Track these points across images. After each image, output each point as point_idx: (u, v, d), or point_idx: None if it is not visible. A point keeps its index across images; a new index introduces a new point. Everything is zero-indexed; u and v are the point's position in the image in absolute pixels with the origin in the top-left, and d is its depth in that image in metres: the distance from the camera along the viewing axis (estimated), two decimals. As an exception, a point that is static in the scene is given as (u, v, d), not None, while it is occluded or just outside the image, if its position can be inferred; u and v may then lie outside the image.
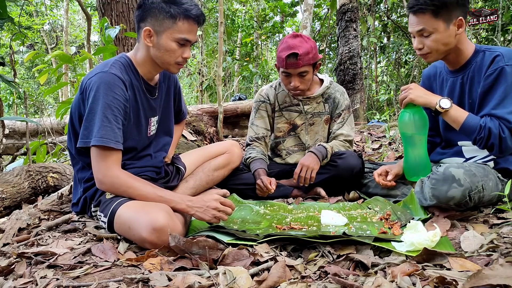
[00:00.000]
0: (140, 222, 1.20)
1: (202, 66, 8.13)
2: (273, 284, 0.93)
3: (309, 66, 1.89)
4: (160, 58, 1.43)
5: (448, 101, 1.45)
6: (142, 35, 1.41)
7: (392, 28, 8.33)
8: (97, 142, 1.30)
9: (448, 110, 1.45)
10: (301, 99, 2.06)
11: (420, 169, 1.64)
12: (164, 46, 1.40)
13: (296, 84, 1.92)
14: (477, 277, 0.79)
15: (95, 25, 8.45)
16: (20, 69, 11.79)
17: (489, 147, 1.41)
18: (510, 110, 1.38)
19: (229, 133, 4.88)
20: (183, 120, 1.94)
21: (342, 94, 2.10)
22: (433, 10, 1.42)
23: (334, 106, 2.08)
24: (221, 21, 4.22)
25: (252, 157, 2.04)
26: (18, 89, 2.14)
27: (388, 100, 8.04)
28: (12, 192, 1.85)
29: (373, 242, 1.15)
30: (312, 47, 1.89)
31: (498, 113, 1.38)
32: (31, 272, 1.06)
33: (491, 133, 1.37)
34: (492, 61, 1.43)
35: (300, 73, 1.89)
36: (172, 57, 1.42)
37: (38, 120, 4.92)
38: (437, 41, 1.45)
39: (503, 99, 1.39)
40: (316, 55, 1.91)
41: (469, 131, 1.43)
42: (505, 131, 1.36)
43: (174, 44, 1.40)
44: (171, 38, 1.39)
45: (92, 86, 1.35)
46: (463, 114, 1.45)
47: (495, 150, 1.41)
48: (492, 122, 1.38)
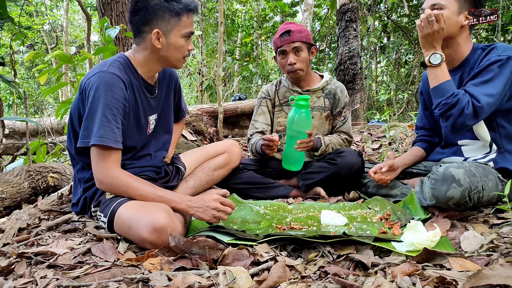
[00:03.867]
0: (140, 222, 1.20)
1: (202, 66, 8.13)
2: (273, 284, 0.93)
3: (303, 44, 1.99)
4: (170, 56, 1.46)
5: (439, 57, 1.46)
6: (150, 38, 1.42)
7: (392, 28, 8.33)
8: (97, 142, 1.30)
9: (436, 67, 1.47)
10: (301, 92, 2.10)
11: (296, 161, 1.94)
12: (174, 44, 1.43)
13: (292, 61, 1.98)
14: (477, 277, 0.79)
15: (95, 25, 8.45)
16: (20, 69, 11.79)
17: (447, 116, 1.43)
18: (486, 93, 1.39)
19: (229, 133, 4.88)
20: (182, 119, 1.94)
21: (342, 91, 2.13)
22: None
23: (334, 103, 2.12)
24: (221, 21, 4.21)
25: (255, 140, 2.08)
26: (18, 89, 2.14)
27: (388, 100, 8.04)
28: (12, 192, 1.85)
29: (373, 242, 1.15)
30: (304, 29, 2.02)
31: (473, 91, 1.40)
32: (31, 272, 1.06)
33: (457, 103, 1.39)
34: (488, 53, 1.46)
35: (295, 48, 1.97)
36: (181, 53, 1.47)
37: (38, 120, 4.92)
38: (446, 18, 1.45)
39: (485, 82, 1.41)
40: (309, 38, 2.02)
41: (441, 93, 1.45)
42: (470, 108, 1.38)
43: (183, 40, 1.45)
44: (179, 35, 1.43)
45: (92, 86, 1.35)
46: (446, 76, 1.47)
47: (449, 122, 1.43)
48: (464, 96, 1.39)
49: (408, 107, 7.67)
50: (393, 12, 8.54)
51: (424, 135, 1.85)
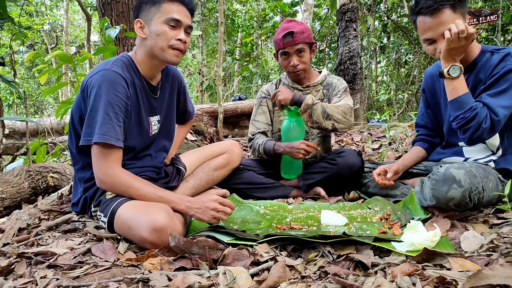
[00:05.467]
0: (140, 222, 1.20)
1: (202, 66, 8.14)
2: (273, 284, 0.93)
3: (306, 45, 1.98)
4: (155, 46, 1.43)
5: (458, 70, 1.42)
6: (136, 30, 1.45)
7: (392, 28, 8.33)
8: (99, 140, 1.30)
9: (454, 79, 1.43)
10: (301, 88, 2.10)
11: (294, 169, 1.97)
12: (155, 31, 1.42)
13: (295, 63, 1.98)
14: (477, 277, 0.79)
15: (95, 25, 8.45)
16: (20, 69, 11.79)
17: (465, 129, 1.41)
18: (502, 105, 1.38)
19: (229, 133, 4.88)
20: (190, 121, 1.93)
21: (339, 80, 2.12)
22: (451, 5, 1.40)
23: (331, 90, 2.09)
24: (221, 21, 4.21)
25: (262, 141, 2.04)
26: (18, 89, 2.14)
27: (388, 100, 8.04)
28: (12, 192, 1.85)
29: (373, 242, 1.15)
30: (306, 28, 2.00)
31: (490, 102, 1.38)
32: (31, 272, 1.06)
33: (475, 117, 1.37)
34: (501, 60, 1.43)
35: (298, 50, 1.97)
36: (164, 40, 1.42)
37: (38, 120, 4.92)
38: None
39: (501, 92, 1.39)
40: (311, 37, 2.01)
41: (459, 106, 1.42)
42: (487, 122, 1.36)
43: (165, 27, 1.42)
44: (160, 22, 1.42)
45: (94, 84, 1.35)
46: (464, 89, 1.44)
47: (468, 135, 1.41)
48: (482, 110, 1.38)
49: (408, 107, 7.67)
50: (393, 12, 8.55)
51: (425, 135, 1.83)
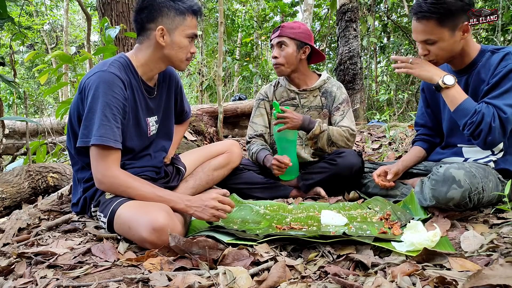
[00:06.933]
0: (140, 222, 1.20)
1: (202, 66, 8.13)
2: (273, 284, 0.93)
3: (290, 40, 1.97)
4: (174, 56, 1.46)
5: (452, 78, 1.42)
6: (154, 36, 1.42)
7: (392, 28, 8.33)
8: (97, 141, 1.30)
9: (450, 88, 1.43)
10: (298, 91, 2.09)
11: (291, 172, 1.95)
12: (177, 43, 1.44)
13: (274, 54, 2.00)
14: (477, 277, 0.79)
15: (95, 25, 8.45)
16: (20, 69, 11.78)
17: (477, 134, 1.39)
18: (509, 103, 1.36)
19: (229, 133, 4.88)
20: (186, 121, 1.93)
21: (339, 88, 2.10)
22: (438, 18, 1.38)
23: (331, 100, 2.08)
24: (221, 21, 4.21)
25: (256, 150, 2.07)
26: (18, 89, 2.14)
27: (388, 100, 8.04)
28: (12, 192, 1.85)
29: (373, 242, 1.15)
30: (299, 26, 2.00)
31: (495, 102, 1.37)
32: (31, 272, 1.06)
33: (483, 119, 1.35)
34: (502, 59, 1.42)
35: (280, 42, 1.98)
36: (184, 53, 1.47)
37: (38, 120, 4.92)
38: (443, 49, 1.43)
39: (504, 92, 1.38)
40: (303, 36, 1.98)
41: (464, 113, 1.41)
42: (496, 120, 1.35)
43: (186, 41, 1.45)
44: (183, 35, 1.44)
45: (91, 85, 1.35)
46: (463, 95, 1.43)
47: (481, 139, 1.39)
48: (487, 109, 1.36)
49: (408, 107, 7.66)
50: (393, 12, 8.55)
51: (425, 134, 1.83)
